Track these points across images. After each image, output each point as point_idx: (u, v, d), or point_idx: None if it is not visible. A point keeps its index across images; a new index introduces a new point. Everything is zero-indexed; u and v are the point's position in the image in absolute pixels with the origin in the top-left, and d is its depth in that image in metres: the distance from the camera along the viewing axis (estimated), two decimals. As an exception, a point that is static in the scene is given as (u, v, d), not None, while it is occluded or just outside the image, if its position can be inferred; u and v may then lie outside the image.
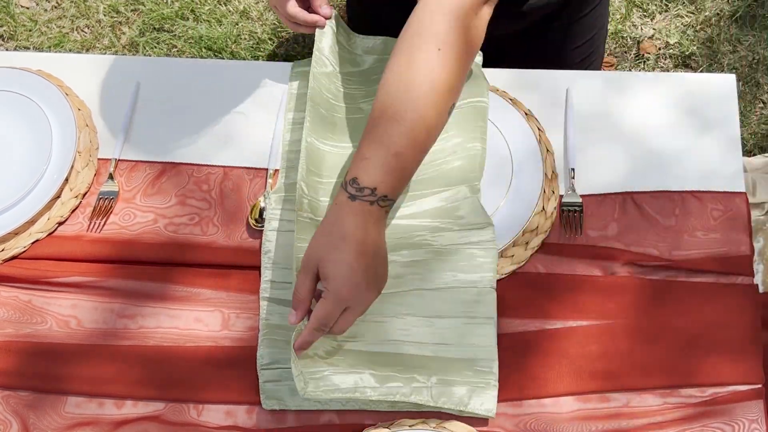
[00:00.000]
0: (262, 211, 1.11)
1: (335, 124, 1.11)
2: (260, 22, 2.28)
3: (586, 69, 1.39)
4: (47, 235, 1.12)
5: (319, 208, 1.05)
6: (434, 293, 1.02)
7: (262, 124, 1.18)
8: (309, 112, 1.07)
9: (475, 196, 1.05)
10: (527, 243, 1.07)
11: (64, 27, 2.30)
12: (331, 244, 0.88)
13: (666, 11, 2.24)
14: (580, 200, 1.10)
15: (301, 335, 0.91)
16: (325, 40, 1.12)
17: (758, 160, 1.60)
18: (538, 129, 1.14)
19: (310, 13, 1.10)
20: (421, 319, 1.01)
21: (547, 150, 1.13)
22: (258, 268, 1.08)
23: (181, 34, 2.27)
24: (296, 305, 0.92)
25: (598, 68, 1.46)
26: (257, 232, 1.11)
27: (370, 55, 1.17)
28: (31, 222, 1.12)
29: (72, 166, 1.14)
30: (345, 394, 0.94)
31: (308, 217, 1.02)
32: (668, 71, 2.16)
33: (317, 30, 1.11)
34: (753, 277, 1.06)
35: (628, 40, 2.21)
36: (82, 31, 2.31)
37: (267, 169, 1.15)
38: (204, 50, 2.24)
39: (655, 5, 2.24)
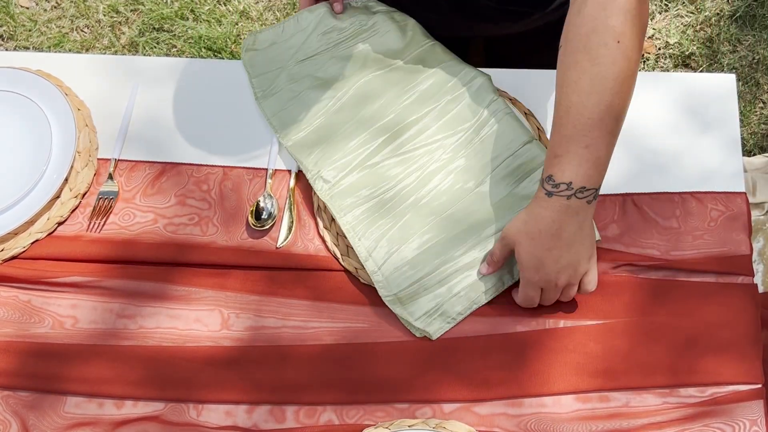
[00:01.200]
0: (261, 211, 1.11)
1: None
2: (260, 22, 2.28)
3: None
4: (47, 235, 1.12)
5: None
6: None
7: (262, 124, 1.18)
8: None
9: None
10: (527, 243, 1.08)
11: (63, 27, 2.30)
12: (527, 235, 0.98)
13: (666, 11, 2.24)
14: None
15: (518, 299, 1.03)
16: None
17: (758, 160, 1.60)
18: (538, 129, 1.14)
19: None
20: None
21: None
22: (258, 268, 1.08)
23: (180, 34, 2.27)
24: (491, 264, 1.04)
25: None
26: (257, 232, 1.11)
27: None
28: (31, 222, 1.12)
29: (72, 166, 1.14)
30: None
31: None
32: (668, 71, 2.16)
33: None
34: (753, 277, 1.06)
35: (628, 40, 2.20)
36: (82, 31, 2.31)
37: (267, 169, 1.15)
38: (204, 50, 2.25)
39: (655, 5, 2.24)
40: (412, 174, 1.10)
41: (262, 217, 1.11)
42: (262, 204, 1.11)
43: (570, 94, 0.94)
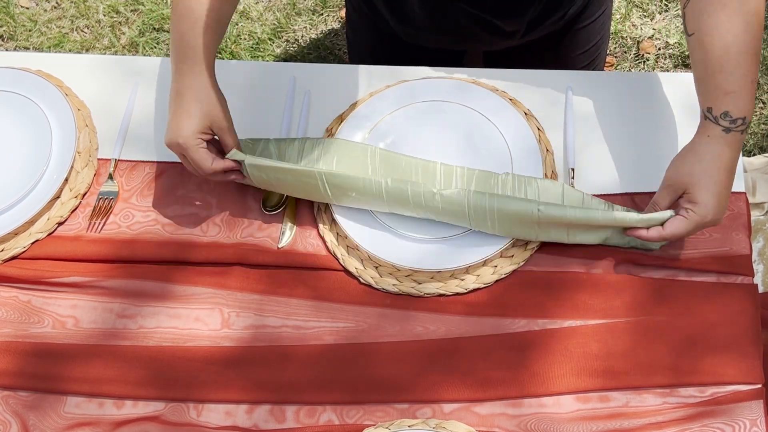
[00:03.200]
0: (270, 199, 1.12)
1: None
2: (260, 22, 2.28)
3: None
4: (47, 236, 1.12)
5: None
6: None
7: (262, 124, 1.18)
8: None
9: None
10: (527, 243, 1.07)
11: (63, 27, 2.30)
12: (707, 173, 0.98)
13: (666, 11, 2.24)
14: (580, 200, 1.10)
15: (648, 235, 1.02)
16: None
17: (758, 160, 1.60)
18: (538, 129, 1.14)
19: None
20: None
21: (547, 150, 1.13)
22: (258, 266, 1.09)
23: (180, 35, 2.27)
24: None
25: (601, 69, 1.46)
26: (269, 217, 1.12)
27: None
28: (31, 222, 1.12)
29: (72, 167, 1.14)
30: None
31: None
32: (668, 71, 2.16)
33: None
34: (753, 277, 1.06)
35: (628, 40, 2.21)
36: (82, 31, 2.31)
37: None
38: (204, 50, 2.24)
39: (655, 5, 2.24)
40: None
41: (273, 201, 1.12)
42: None
43: (724, 34, 0.96)
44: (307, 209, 1.12)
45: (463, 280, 1.06)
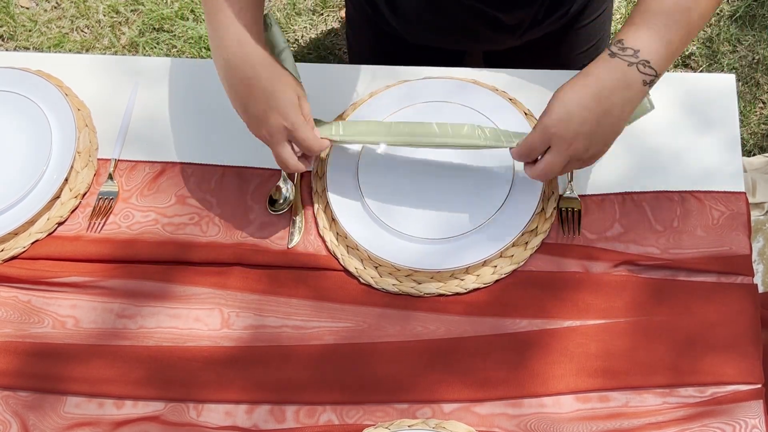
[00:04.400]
0: (279, 196, 1.12)
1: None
2: (260, 23, 2.28)
3: None
4: (47, 236, 1.12)
5: None
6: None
7: (262, 124, 1.18)
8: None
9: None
10: (527, 243, 1.08)
11: (63, 27, 2.30)
12: (570, 85, 0.93)
13: (666, 11, 2.24)
14: (579, 200, 1.10)
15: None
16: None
17: (758, 160, 1.60)
18: (538, 129, 1.14)
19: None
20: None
21: (547, 150, 1.13)
22: (258, 266, 1.09)
23: (180, 34, 2.27)
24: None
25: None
26: (269, 217, 1.11)
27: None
28: (31, 222, 1.12)
29: (71, 167, 1.14)
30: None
31: None
32: (668, 71, 2.16)
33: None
34: (753, 277, 1.06)
35: (628, 40, 2.20)
36: (82, 31, 2.31)
37: (267, 168, 1.14)
38: (204, 50, 2.25)
39: (655, 5, 2.24)
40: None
41: (279, 202, 1.11)
42: (284, 189, 1.12)
43: None
44: (307, 209, 1.12)
45: (463, 280, 1.06)
